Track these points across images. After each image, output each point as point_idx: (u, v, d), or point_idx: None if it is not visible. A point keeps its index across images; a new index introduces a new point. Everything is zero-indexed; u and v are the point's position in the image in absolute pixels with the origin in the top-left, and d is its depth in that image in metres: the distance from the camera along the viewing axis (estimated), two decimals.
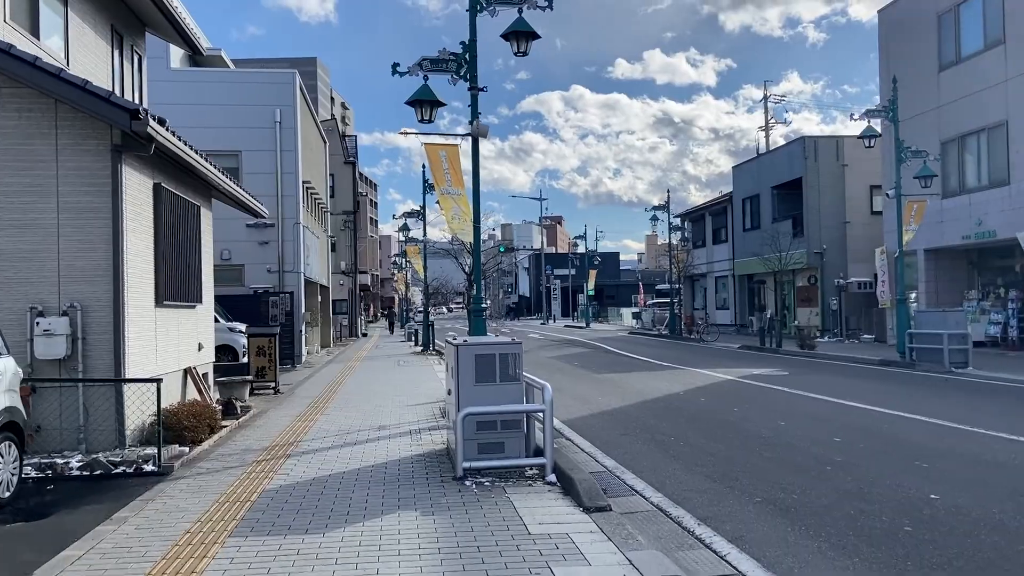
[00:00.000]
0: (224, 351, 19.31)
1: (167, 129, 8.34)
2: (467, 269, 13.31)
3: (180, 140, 8.81)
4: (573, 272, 72.35)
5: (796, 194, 30.04)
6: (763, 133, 46.35)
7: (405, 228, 27.94)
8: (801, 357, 21.14)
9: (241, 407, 11.37)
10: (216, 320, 19.41)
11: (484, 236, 21.42)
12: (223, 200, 13.08)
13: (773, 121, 46.19)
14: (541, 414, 7.06)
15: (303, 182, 23.34)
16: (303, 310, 22.85)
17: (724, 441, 8.81)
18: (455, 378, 7.26)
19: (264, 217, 14.77)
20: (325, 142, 31.61)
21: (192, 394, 10.58)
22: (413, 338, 32.71)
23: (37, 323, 7.89)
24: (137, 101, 11.60)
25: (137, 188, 8.69)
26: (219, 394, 11.84)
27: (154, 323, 9.18)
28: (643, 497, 6.40)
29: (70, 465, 7.43)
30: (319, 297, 27.80)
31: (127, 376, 8.23)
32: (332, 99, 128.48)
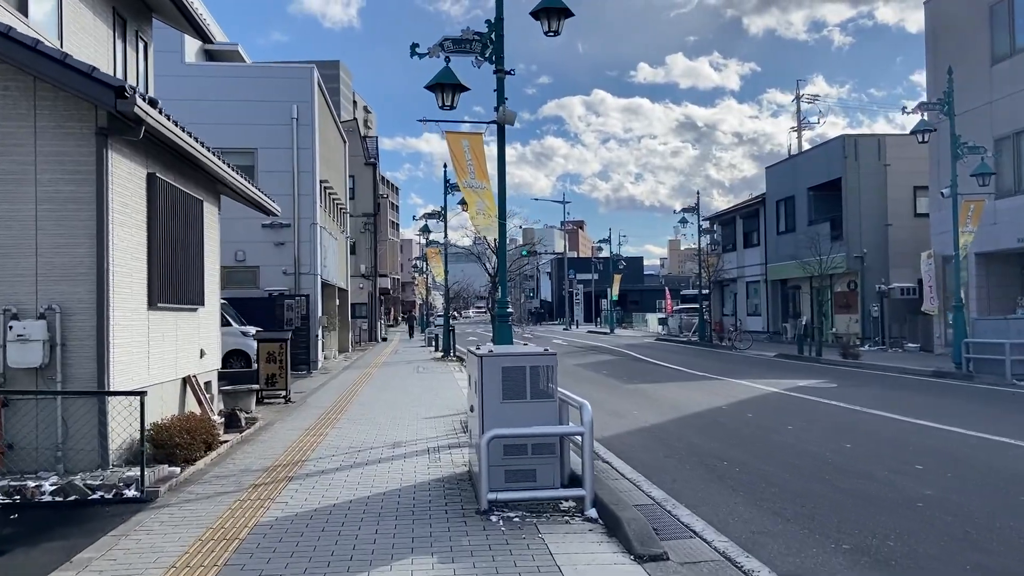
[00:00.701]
0: (236, 356, 18.54)
1: (159, 111, 7.45)
2: (491, 270, 12.28)
3: (176, 125, 7.92)
4: (596, 277, 71.24)
5: (834, 195, 28.74)
6: (795, 134, 44.94)
7: (426, 230, 27.06)
8: (845, 367, 19.89)
9: (246, 419, 10.48)
10: (228, 324, 18.63)
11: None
12: (232, 196, 12.22)
13: (805, 122, 44.68)
14: (579, 437, 6.05)
15: (320, 181, 22.53)
16: (320, 313, 22.02)
17: (786, 467, 7.72)
18: (478, 394, 6.28)
19: (276, 215, 13.91)
20: (345, 142, 30.85)
21: (192, 406, 9.69)
22: (433, 343, 31.85)
23: (10, 327, 7.02)
24: (144, 92, 10.70)
25: (127, 177, 7.81)
26: (223, 404, 10.96)
27: (147, 327, 8.30)
28: (704, 540, 5.36)
29: (42, 489, 6.53)
30: (337, 300, 27.00)
31: (113, 387, 7.33)
32: (355, 103, 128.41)
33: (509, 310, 9.64)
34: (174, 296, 9.03)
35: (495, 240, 10.63)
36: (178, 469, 7.37)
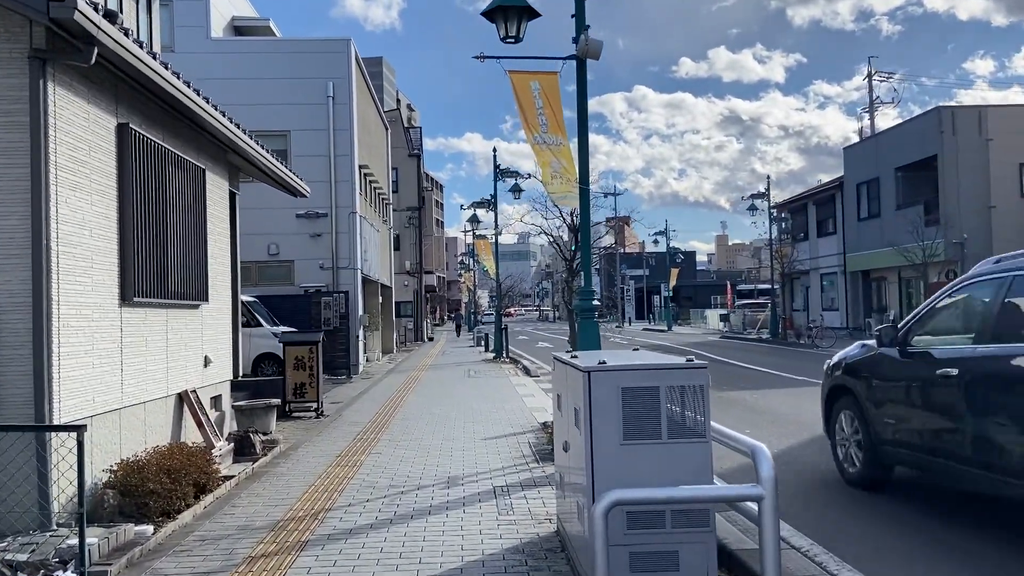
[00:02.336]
0: (268, 361, 16.59)
1: (120, 29, 5.35)
2: (567, 253, 9.81)
3: (144, 50, 5.82)
4: (647, 272, 68.62)
5: (928, 175, 25.76)
6: (867, 116, 41.59)
7: (474, 220, 24.89)
8: None
9: (264, 442, 8.38)
10: (259, 324, 16.71)
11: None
12: (251, 172, 10.20)
13: (878, 101, 41.31)
14: (755, 504, 3.73)
15: (360, 166, 20.51)
16: (360, 312, 20.01)
17: None
18: (583, 429, 4.01)
19: (305, 195, 11.85)
20: (386, 128, 28.89)
21: (192, 430, 7.62)
22: (483, 343, 29.74)
23: None
24: (149, 50, 8.51)
25: (84, 126, 5.74)
26: (236, 424, 8.89)
27: (118, 329, 6.22)
28: None
29: None
30: (380, 298, 25.02)
31: (61, 412, 5.25)
32: (398, 100, 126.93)
33: (596, 301, 7.36)
34: (162, 288, 6.95)
35: (573, 212, 8.37)
36: (150, 529, 5.26)
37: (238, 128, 8.12)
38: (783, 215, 36.19)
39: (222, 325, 8.87)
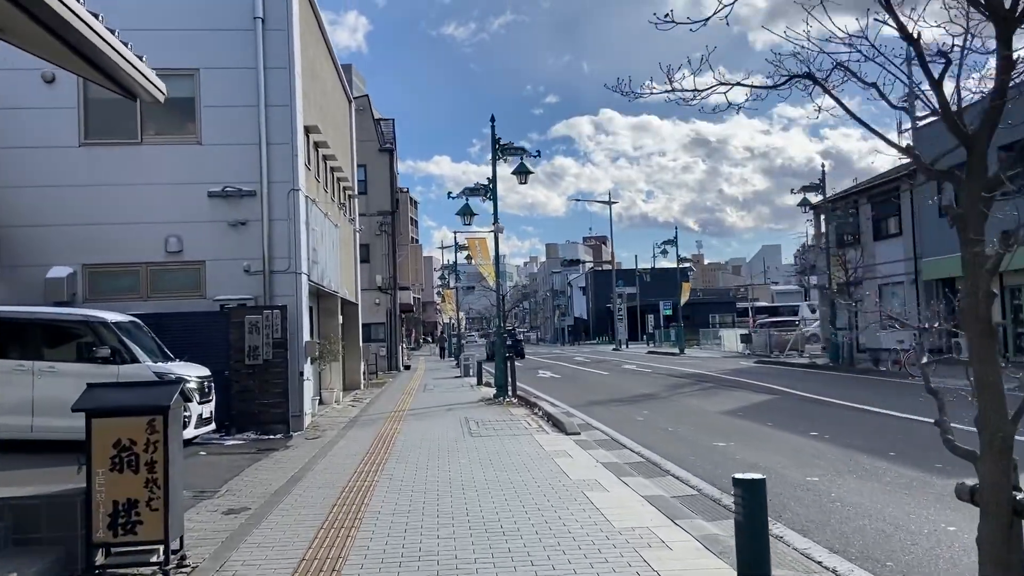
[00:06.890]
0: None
1: None
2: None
3: None
4: (638, 290, 63.20)
5: None
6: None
7: (466, 211, 18.77)
8: None
9: None
10: (132, 359, 10.48)
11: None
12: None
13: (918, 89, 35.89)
14: None
15: (307, 128, 14.33)
16: (307, 337, 13.70)
17: None
18: None
19: (156, 97, 5.66)
20: (350, 101, 22.72)
21: None
22: (473, 374, 23.52)
23: None
24: None
25: None
26: None
27: None
28: None
29: None
30: (340, 317, 18.68)
31: None
32: (372, 114, 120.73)
33: None
34: None
35: None
36: None
37: None
38: (838, 212, 30.21)
39: None
